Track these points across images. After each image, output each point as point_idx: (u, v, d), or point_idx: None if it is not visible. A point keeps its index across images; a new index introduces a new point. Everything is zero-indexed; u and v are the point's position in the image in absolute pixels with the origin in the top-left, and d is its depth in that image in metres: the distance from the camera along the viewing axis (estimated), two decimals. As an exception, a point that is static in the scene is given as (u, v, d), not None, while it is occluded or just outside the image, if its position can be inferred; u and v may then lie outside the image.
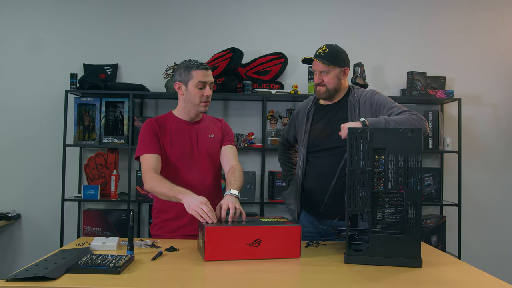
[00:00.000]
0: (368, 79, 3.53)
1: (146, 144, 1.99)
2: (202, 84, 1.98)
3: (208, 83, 2.00)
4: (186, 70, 2.00)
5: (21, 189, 3.59)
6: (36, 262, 1.45)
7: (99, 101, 3.43)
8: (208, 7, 3.66)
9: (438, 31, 3.66)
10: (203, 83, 1.98)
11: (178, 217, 2.00)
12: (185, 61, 2.04)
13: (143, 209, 3.62)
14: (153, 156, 1.96)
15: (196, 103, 2.01)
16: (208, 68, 2.01)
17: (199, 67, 1.99)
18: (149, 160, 1.95)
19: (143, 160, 1.97)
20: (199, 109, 2.03)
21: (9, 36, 3.62)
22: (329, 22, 3.65)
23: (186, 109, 2.06)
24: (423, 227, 3.35)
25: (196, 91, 1.99)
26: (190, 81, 1.99)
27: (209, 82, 2.00)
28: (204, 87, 1.99)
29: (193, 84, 1.99)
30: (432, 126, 3.40)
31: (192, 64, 2.00)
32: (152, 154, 1.96)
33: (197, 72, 1.98)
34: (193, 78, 1.98)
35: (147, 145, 1.98)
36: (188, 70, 1.99)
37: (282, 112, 3.63)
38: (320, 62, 2.02)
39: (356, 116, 2.01)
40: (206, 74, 1.99)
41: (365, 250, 1.57)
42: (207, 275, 1.45)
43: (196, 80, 1.98)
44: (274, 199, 3.41)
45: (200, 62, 2.02)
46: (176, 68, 2.07)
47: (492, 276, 1.45)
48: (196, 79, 1.98)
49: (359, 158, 1.58)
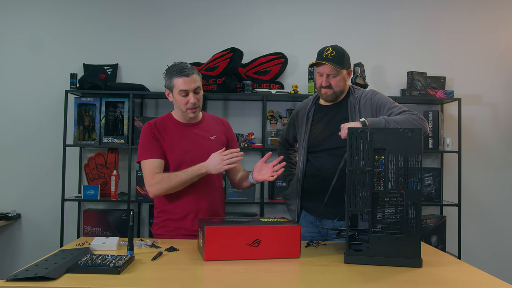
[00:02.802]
0: (368, 79, 3.53)
1: (147, 149, 1.96)
2: (184, 92, 1.92)
3: (190, 91, 1.92)
4: (169, 77, 1.95)
5: (21, 189, 3.59)
6: (36, 262, 1.45)
7: (99, 101, 3.43)
8: (208, 7, 3.66)
9: (438, 31, 3.66)
10: (184, 91, 1.92)
11: (179, 216, 2.00)
12: (169, 67, 1.97)
13: (143, 209, 3.62)
14: (154, 161, 1.94)
15: (183, 110, 1.98)
16: (189, 74, 1.91)
17: (179, 74, 1.91)
18: (151, 166, 1.93)
19: (145, 165, 1.95)
20: (187, 115, 1.99)
21: (9, 36, 3.62)
22: (329, 22, 3.65)
23: (179, 113, 2.04)
24: (423, 227, 3.35)
25: (180, 98, 1.94)
26: (174, 89, 1.95)
27: (191, 89, 1.92)
28: (187, 94, 1.93)
29: (176, 92, 1.94)
30: (432, 126, 3.40)
31: (173, 71, 1.93)
32: (153, 160, 1.94)
33: (177, 80, 1.91)
34: (175, 86, 1.94)
35: (147, 150, 1.96)
36: (171, 78, 1.94)
37: (282, 112, 3.63)
38: (330, 65, 2.01)
39: (356, 116, 2.02)
40: (187, 81, 1.90)
41: (365, 250, 1.57)
42: (207, 275, 1.45)
43: (178, 88, 1.92)
44: (274, 199, 3.41)
45: (182, 67, 1.92)
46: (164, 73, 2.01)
47: (492, 276, 1.45)
48: (177, 87, 1.92)
49: (359, 158, 1.58)
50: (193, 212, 1.99)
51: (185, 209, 1.99)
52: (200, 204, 2.00)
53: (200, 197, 2.00)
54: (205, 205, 2.01)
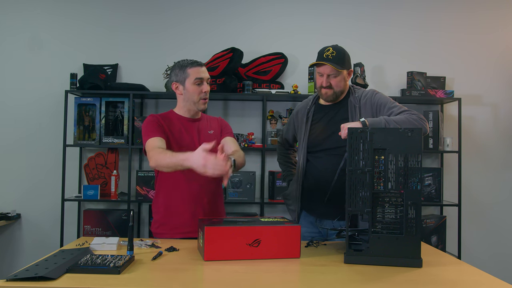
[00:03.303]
0: (368, 79, 3.53)
1: (150, 131, 1.95)
2: (200, 80, 2.00)
3: (204, 79, 2.02)
4: (181, 69, 2.01)
5: (21, 189, 3.59)
6: (36, 262, 1.45)
7: (99, 101, 3.43)
8: (208, 7, 3.66)
9: (438, 31, 3.66)
10: (200, 79, 2.00)
11: (179, 214, 2.00)
12: (178, 61, 2.06)
13: (143, 209, 3.62)
14: (157, 139, 1.92)
15: (195, 101, 2.02)
16: (202, 65, 2.03)
17: (193, 64, 2.01)
18: (153, 142, 1.91)
19: (148, 144, 1.92)
20: (198, 107, 2.04)
21: (9, 36, 3.62)
22: (329, 22, 3.65)
23: (186, 107, 2.07)
24: (423, 227, 3.35)
25: (194, 88, 2.00)
26: (187, 79, 2.00)
27: (205, 78, 2.02)
28: (202, 83, 2.01)
29: (190, 82, 2.00)
30: (432, 126, 3.40)
31: (186, 63, 2.02)
32: (156, 137, 1.93)
33: (192, 69, 2.00)
34: (189, 76, 2.00)
35: (151, 132, 1.95)
36: (183, 69, 2.01)
37: (282, 112, 3.63)
38: (331, 65, 2.00)
39: (357, 116, 2.01)
40: (201, 70, 2.01)
41: (365, 250, 1.57)
42: (207, 275, 1.45)
43: (193, 77, 2.00)
44: (274, 199, 3.41)
45: (193, 59, 2.04)
46: (171, 70, 2.08)
47: (492, 276, 1.45)
48: (192, 76, 2.00)
49: (359, 158, 1.58)
50: (193, 211, 1.99)
51: (183, 204, 2.00)
52: (200, 203, 2.01)
53: (201, 196, 2.01)
54: (205, 204, 2.02)
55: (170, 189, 2.03)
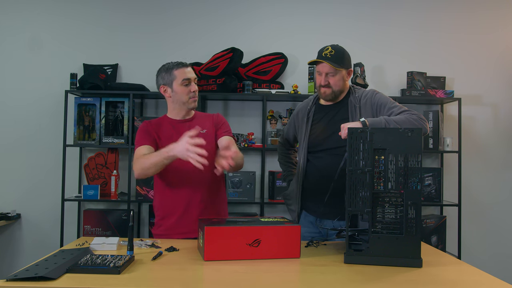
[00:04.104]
0: (368, 79, 3.53)
1: (140, 140, 2.02)
2: (187, 81, 2.03)
3: (192, 79, 2.04)
4: (167, 72, 2.04)
5: (21, 189, 3.59)
6: (36, 262, 1.45)
7: (99, 101, 3.43)
8: (208, 7, 3.66)
9: (438, 31, 3.66)
10: (187, 79, 2.02)
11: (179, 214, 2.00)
12: (163, 65, 2.08)
13: (143, 209, 3.62)
14: (144, 147, 1.98)
15: (184, 101, 2.04)
16: (188, 65, 2.06)
17: (179, 66, 2.04)
18: (140, 150, 1.97)
19: (136, 153, 1.99)
20: (189, 105, 2.06)
21: (9, 36, 3.62)
22: (329, 22, 3.65)
23: (176, 110, 2.09)
24: (423, 227, 3.35)
25: (182, 89, 2.03)
26: (174, 81, 2.03)
27: (192, 78, 2.05)
28: (189, 83, 2.04)
29: (178, 83, 2.02)
30: (432, 126, 3.40)
31: (171, 65, 2.05)
32: (143, 146, 1.99)
33: (178, 71, 2.03)
34: (176, 77, 2.02)
35: (140, 140, 2.02)
36: (170, 72, 2.04)
37: (282, 112, 3.63)
38: (328, 64, 2.01)
39: (357, 116, 2.01)
40: (187, 71, 2.04)
41: (365, 250, 1.57)
42: (207, 275, 1.45)
43: (180, 78, 2.02)
44: (274, 199, 3.41)
45: (178, 62, 2.06)
46: (157, 74, 2.10)
47: (492, 276, 1.44)
48: (179, 78, 2.02)
49: (359, 158, 1.58)
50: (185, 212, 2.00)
51: (184, 204, 2.00)
52: (193, 204, 2.01)
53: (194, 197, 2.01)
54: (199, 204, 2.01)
55: (164, 191, 2.05)
